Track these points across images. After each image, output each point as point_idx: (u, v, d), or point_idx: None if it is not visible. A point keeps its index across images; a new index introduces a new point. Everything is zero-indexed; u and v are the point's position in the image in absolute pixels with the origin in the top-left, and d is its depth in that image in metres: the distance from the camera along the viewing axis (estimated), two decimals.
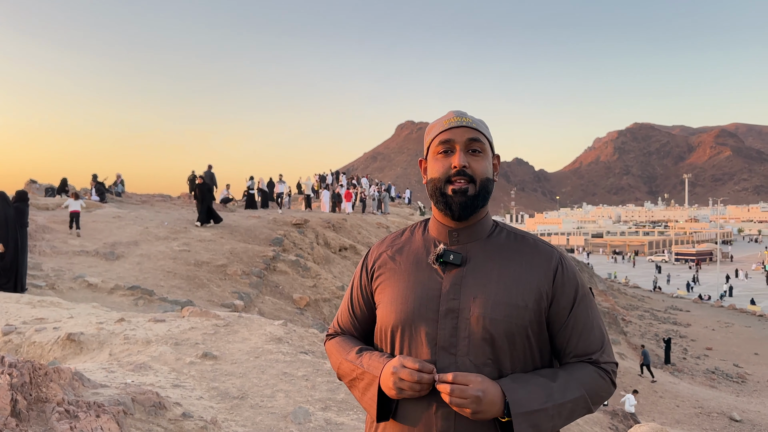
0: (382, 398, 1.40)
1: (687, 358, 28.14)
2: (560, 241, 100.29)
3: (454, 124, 1.46)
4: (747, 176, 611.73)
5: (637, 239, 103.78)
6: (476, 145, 1.45)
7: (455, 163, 1.42)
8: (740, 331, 34.58)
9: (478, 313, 1.37)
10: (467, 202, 1.42)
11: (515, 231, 1.53)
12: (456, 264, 1.43)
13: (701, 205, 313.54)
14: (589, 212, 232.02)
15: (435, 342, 1.38)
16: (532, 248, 1.48)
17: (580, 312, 1.45)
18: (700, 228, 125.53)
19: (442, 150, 1.46)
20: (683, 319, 38.31)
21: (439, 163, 1.45)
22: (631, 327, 33.84)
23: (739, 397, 21.66)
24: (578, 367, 1.42)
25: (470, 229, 1.48)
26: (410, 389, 1.30)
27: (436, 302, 1.40)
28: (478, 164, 1.44)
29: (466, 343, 1.36)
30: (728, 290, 49.59)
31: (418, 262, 1.48)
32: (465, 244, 1.47)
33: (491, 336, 1.36)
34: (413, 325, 1.41)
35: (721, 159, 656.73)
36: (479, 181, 1.43)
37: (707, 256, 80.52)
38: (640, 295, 48.29)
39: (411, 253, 1.51)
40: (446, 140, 1.45)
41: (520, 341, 1.39)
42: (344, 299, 1.65)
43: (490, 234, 1.50)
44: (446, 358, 1.36)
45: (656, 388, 20.34)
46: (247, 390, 4.73)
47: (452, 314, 1.39)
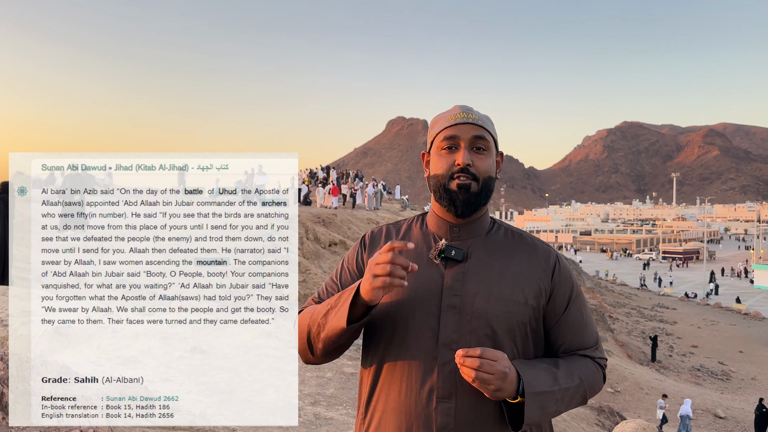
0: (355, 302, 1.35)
1: (673, 356, 28.40)
2: (549, 238, 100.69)
3: (460, 120, 1.45)
4: (734, 176, 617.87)
5: (625, 237, 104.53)
6: (481, 143, 1.45)
7: (459, 161, 1.42)
8: (725, 329, 34.95)
9: (481, 309, 1.38)
10: (470, 199, 1.42)
11: (513, 229, 1.54)
12: (457, 260, 1.42)
13: (689, 204, 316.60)
14: (577, 210, 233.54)
15: (436, 337, 1.37)
16: (531, 246, 1.50)
17: (576, 309, 1.48)
18: (688, 227, 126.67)
19: (446, 146, 1.45)
20: (669, 316, 38.64)
21: (443, 159, 1.45)
22: (618, 324, 34.10)
23: (723, 395, 21.92)
24: (576, 358, 1.47)
25: (471, 225, 1.48)
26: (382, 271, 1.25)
27: (438, 297, 1.40)
28: (482, 162, 1.44)
29: (468, 338, 1.37)
30: (714, 288, 50.09)
31: (418, 257, 1.46)
32: (465, 240, 1.47)
33: (493, 331, 1.37)
34: (414, 320, 1.40)
35: (708, 158, 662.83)
36: (482, 179, 1.44)
37: (694, 254, 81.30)
38: (627, 292, 48.65)
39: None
40: (451, 136, 1.44)
41: (520, 336, 1.41)
42: (331, 276, 1.61)
43: (489, 231, 1.51)
44: (447, 354, 1.36)
45: (642, 385, 20.52)
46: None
47: (454, 310, 1.39)
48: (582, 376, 1.42)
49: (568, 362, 1.43)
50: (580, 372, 1.42)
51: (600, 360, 1.49)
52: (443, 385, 1.34)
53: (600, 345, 1.53)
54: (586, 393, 1.43)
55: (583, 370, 1.43)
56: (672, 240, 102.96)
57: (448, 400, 1.33)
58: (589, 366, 1.46)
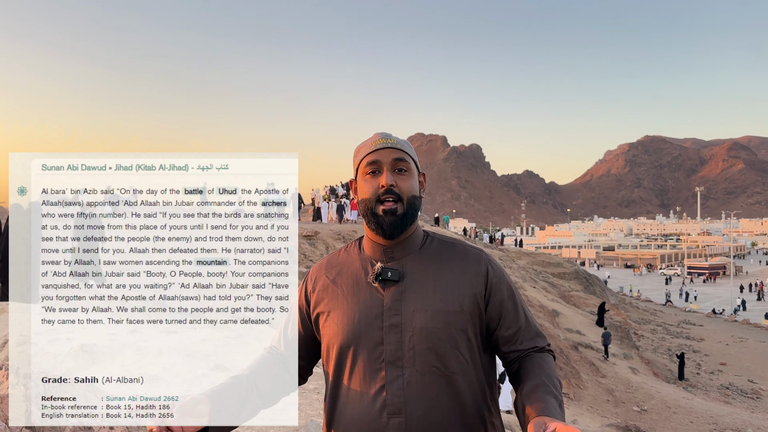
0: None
1: (700, 374, 27.75)
2: (571, 254, 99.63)
3: (380, 146, 1.55)
4: (760, 189, 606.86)
5: (649, 252, 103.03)
6: (402, 165, 1.54)
7: (383, 182, 1.51)
8: (755, 346, 34.09)
9: (420, 325, 1.45)
10: (397, 222, 1.51)
11: (445, 239, 1.63)
12: (394, 280, 1.50)
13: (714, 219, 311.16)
14: (600, 225, 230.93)
15: (382, 357, 1.45)
16: (462, 254, 1.58)
17: (513, 306, 1.56)
18: (713, 241, 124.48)
19: (370, 170, 1.54)
20: (696, 333, 37.83)
21: (368, 184, 1.54)
22: (644, 341, 33.47)
23: (754, 414, 21.30)
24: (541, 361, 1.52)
25: (403, 244, 1.56)
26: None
27: (379, 319, 1.48)
28: (405, 182, 1.53)
29: (411, 354, 1.44)
30: (741, 304, 48.98)
31: (357, 283, 1.55)
32: (400, 259, 1.55)
33: (434, 344, 1.45)
34: (360, 343, 1.47)
35: (733, 172, 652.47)
36: (406, 199, 1.52)
37: (720, 269, 79.70)
38: (652, 308, 47.79)
39: (350, 274, 1.57)
40: (373, 161, 1.54)
41: (463, 343, 1.48)
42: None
43: (422, 245, 1.59)
44: (394, 371, 1.44)
45: (669, 403, 20.05)
46: None
47: (396, 329, 1.46)
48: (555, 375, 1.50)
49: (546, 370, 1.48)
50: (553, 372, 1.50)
51: (549, 348, 1.58)
52: (392, 401, 1.42)
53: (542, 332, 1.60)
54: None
55: (552, 369, 1.51)
56: (697, 255, 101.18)
57: (398, 415, 1.41)
58: (551, 362, 1.54)
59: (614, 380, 20.67)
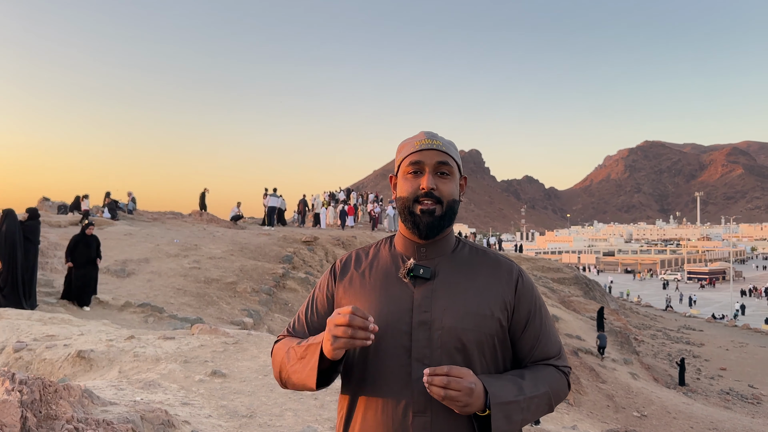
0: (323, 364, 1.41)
1: (701, 379, 27.68)
2: (571, 259, 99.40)
3: (425, 146, 1.52)
4: (759, 194, 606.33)
5: (649, 257, 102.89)
6: (445, 168, 1.51)
7: (424, 185, 1.48)
8: (755, 351, 34.01)
9: (450, 324, 1.44)
10: (434, 222, 1.49)
11: (476, 246, 1.62)
12: (426, 278, 1.49)
13: (713, 224, 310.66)
14: (600, 230, 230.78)
15: (409, 353, 1.43)
16: (494, 262, 1.57)
17: (538, 321, 1.55)
18: (713, 246, 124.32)
19: (412, 170, 1.52)
20: (696, 338, 37.75)
21: (409, 183, 1.52)
22: (644, 346, 33.40)
23: (754, 419, 21.24)
24: (541, 367, 1.53)
25: (436, 244, 1.55)
26: (343, 333, 1.30)
27: (408, 315, 1.45)
28: (446, 186, 1.51)
29: (439, 353, 1.42)
30: (741, 309, 48.92)
31: (387, 277, 1.53)
32: (432, 258, 1.53)
33: (463, 345, 1.43)
34: (386, 337, 1.44)
35: (733, 177, 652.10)
36: (446, 202, 1.50)
37: (720, 274, 79.60)
38: (652, 314, 47.71)
39: (380, 268, 1.56)
40: (416, 161, 1.51)
41: (488, 348, 1.47)
42: (304, 305, 1.65)
43: (454, 249, 1.58)
44: (420, 369, 1.40)
45: (670, 409, 20.02)
46: (255, 408, 4.73)
47: (425, 326, 1.44)
48: (547, 384, 1.48)
49: (534, 372, 1.49)
50: (545, 380, 1.48)
51: (564, 368, 1.56)
52: (418, 399, 1.39)
53: (563, 353, 1.58)
54: (551, 400, 1.49)
55: (548, 379, 1.49)
56: (697, 260, 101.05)
57: (423, 414, 1.38)
58: (554, 374, 1.52)
59: (614, 386, 20.63)
